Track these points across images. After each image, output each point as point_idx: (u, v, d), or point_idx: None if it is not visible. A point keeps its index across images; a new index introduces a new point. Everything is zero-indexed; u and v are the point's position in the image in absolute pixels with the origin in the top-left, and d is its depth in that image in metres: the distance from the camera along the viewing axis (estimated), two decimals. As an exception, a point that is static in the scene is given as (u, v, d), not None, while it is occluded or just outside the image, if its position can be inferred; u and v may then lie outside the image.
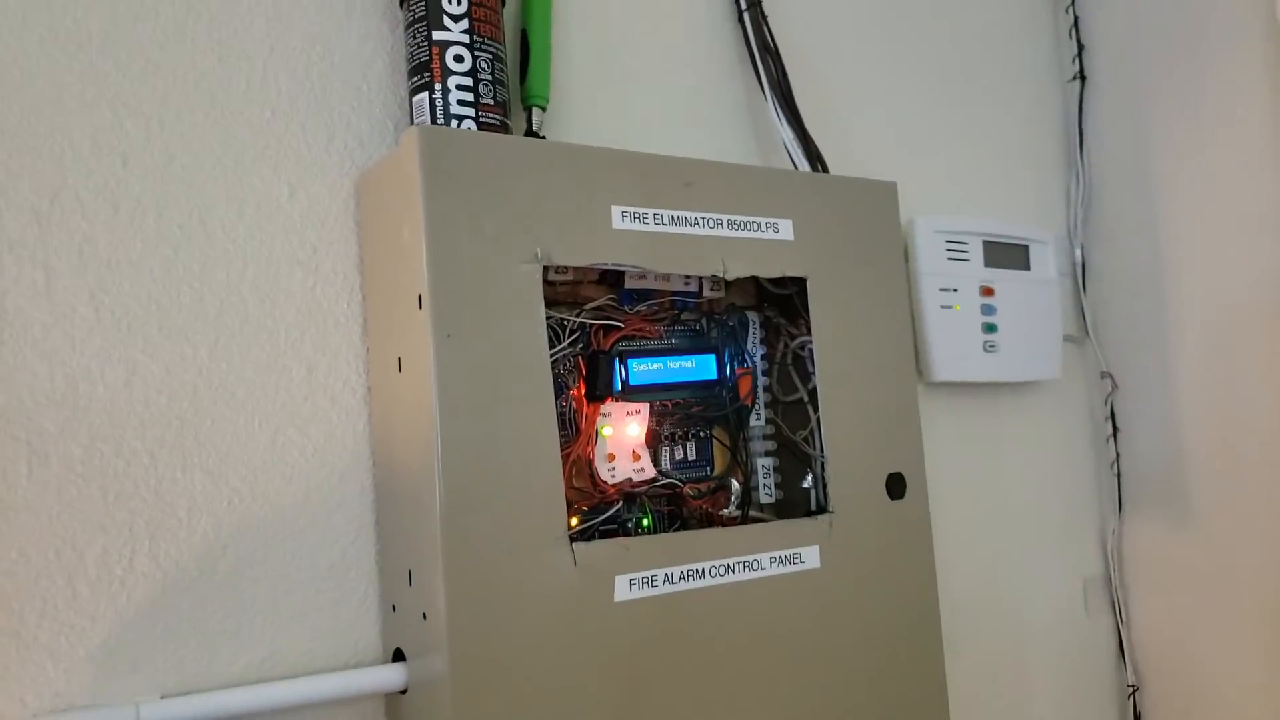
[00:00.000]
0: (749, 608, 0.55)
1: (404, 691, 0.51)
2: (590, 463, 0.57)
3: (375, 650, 0.53)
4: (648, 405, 0.60)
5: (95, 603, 0.46)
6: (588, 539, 0.53)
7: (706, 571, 0.54)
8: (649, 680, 0.51)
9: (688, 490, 0.61)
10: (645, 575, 0.52)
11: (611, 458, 0.58)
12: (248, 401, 0.51)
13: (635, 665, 0.51)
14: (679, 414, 0.62)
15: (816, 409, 0.62)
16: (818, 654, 0.58)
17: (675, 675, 0.52)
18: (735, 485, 0.63)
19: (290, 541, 0.52)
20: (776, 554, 0.57)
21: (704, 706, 0.53)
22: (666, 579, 0.53)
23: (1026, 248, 0.81)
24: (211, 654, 0.49)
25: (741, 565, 0.55)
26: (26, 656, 0.45)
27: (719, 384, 0.63)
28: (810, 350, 0.62)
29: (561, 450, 0.51)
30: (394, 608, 0.52)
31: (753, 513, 0.64)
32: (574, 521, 0.55)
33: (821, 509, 0.60)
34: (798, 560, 0.58)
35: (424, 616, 0.48)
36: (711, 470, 0.63)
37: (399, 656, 0.51)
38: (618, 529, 0.58)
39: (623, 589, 0.51)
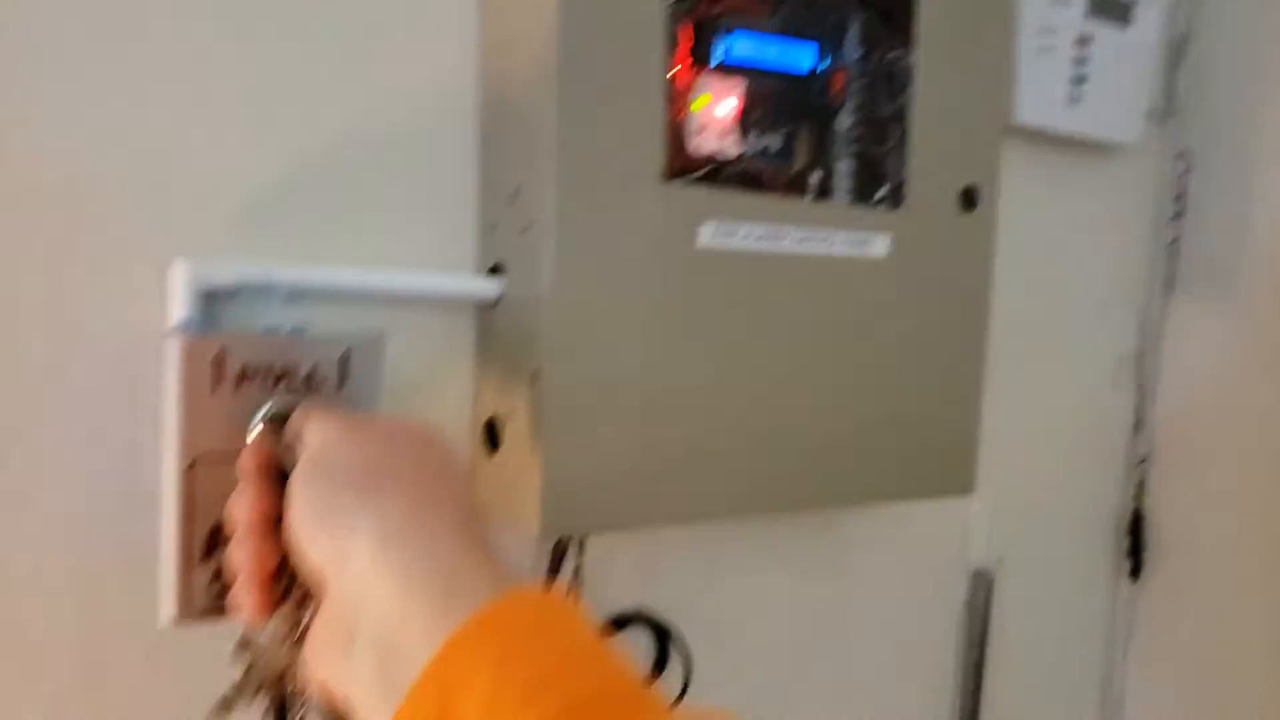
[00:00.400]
0: (815, 282, 0.59)
1: (496, 305, 0.56)
2: (681, 128, 0.60)
3: (471, 267, 0.58)
4: (743, 85, 0.62)
5: (231, 169, 0.51)
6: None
7: (784, 237, 0.58)
8: (718, 329, 0.56)
9: (767, 177, 0.64)
10: (728, 226, 0.56)
11: (701, 129, 0.61)
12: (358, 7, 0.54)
13: (709, 312, 0.55)
14: (770, 101, 0.64)
15: (902, 121, 0.64)
16: (869, 340, 0.62)
17: (741, 330, 0.57)
18: (813, 181, 0.66)
19: (396, 152, 0.55)
20: (848, 235, 0.60)
21: (761, 360, 0.58)
22: (747, 235, 0.56)
23: (1131, 5, 0.79)
24: (327, 240, 0.54)
25: (815, 238, 0.59)
26: (170, 208, 0.50)
27: (813, 77, 0.64)
28: (904, 66, 0.63)
29: (665, 97, 0.54)
30: (493, 227, 0.56)
31: (825, 212, 0.67)
32: (662, 183, 0.58)
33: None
34: (867, 246, 0.61)
35: (526, 229, 0.52)
36: (792, 165, 0.66)
37: (495, 272, 0.56)
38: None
39: (706, 234, 0.55)
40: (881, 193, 0.65)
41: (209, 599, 0.43)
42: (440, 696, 0.30)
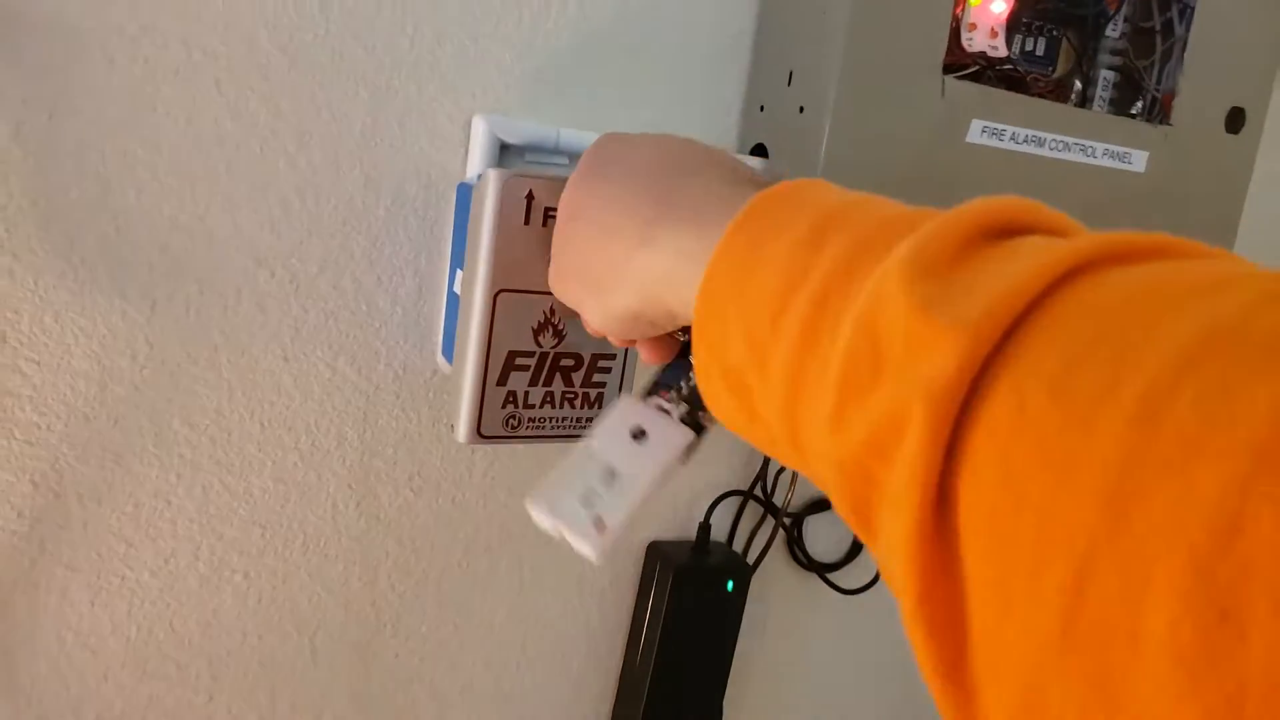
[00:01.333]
0: (1072, 189, 0.59)
1: (754, 184, 0.58)
2: (956, 21, 0.59)
3: (731, 147, 0.60)
4: (1017, -15, 0.61)
5: (533, 30, 0.54)
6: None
7: (1046, 142, 0.58)
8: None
9: (1030, 81, 0.63)
10: (996, 126, 0.56)
11: (973, 27, 0.60)
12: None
13: (967, 204, 0.56)
14: (1042, 4, 0.63)
15: (1170, 33, 0.61)
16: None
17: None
18: (1073, 89, 0.65)
19: (676, 30, 0.57)
20: (1108, 146, 0.59)
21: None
22: (1013, 137, 0.56)
23: None
24: (610, 108, 0.56)
25: (1076, 147, 0.58)
26: (478, 61, 0.53)
27: (1090, -21, 0.62)
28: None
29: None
30: (761, 108, 0.57)
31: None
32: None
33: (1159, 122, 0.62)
34: (1126, 160, 0.60)
35: (801, 110, 0.54)
36: (1053, 71, 0.65)
37: (757, 153, 0.58)
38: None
39: (975, 132, 0.55)
40: (1138, 107, 0.64)
41: (501, 422, 0.48)
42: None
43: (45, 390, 0.49)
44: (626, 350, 0.50)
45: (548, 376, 0.48)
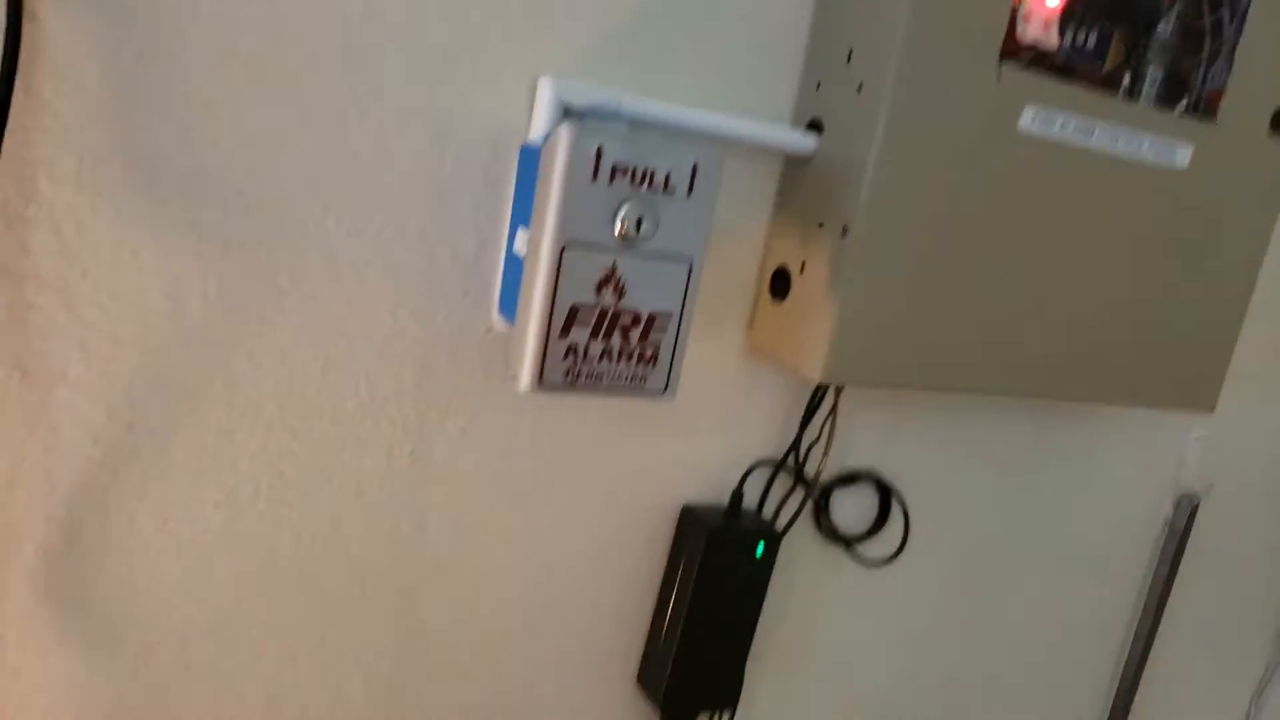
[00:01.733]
0: (1114, 181, 0.61)
1: (808, 160, 0.59)
2: (1014, 12, 0.61)
3: (786, 121, 0.61)
4: (1072, -22, 0.62)
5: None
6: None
7: (1095, 133, 0.59)
8: (1019, 212, 0.58)
9: (1080, 73, 0.64)
10: (1047, 114, 0.57)
11: (1028, 17, 0.62)
12: None
13: (1014, 194, 0.58)
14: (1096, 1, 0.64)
15: (1220, 33, 0.63)
16: (1153, 246, 0.63)
17: (1040, 216, 0.59)
18: (1124, 84, 0.66)
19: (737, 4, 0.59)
20: (1154, 140, 0.61)
21: (1050, 250, 0.60)
22: (1063, 125, 0.58)
23: None
24: (661, 76, 0.58)
25: (1123, 139, 0.60)
26: (546, 25, 0.55)
27: (1145, -24, 0.64)
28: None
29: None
30: (818, 85, 0.59)
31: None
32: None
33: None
34: (1170, 154, 0.62)
35: (859, 88, 0.55)
36: (1103, 66, 0.66)
37: (813, 128, 0.59)
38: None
39: (1027, 119, 0.57)
40: (1183, 104, 0.65)
41: (561, 373, 0.50)
42: None
43: (121, 324, 0.51)
44: (683, 311, 0.52)
45: (607, 331, 0.50)
